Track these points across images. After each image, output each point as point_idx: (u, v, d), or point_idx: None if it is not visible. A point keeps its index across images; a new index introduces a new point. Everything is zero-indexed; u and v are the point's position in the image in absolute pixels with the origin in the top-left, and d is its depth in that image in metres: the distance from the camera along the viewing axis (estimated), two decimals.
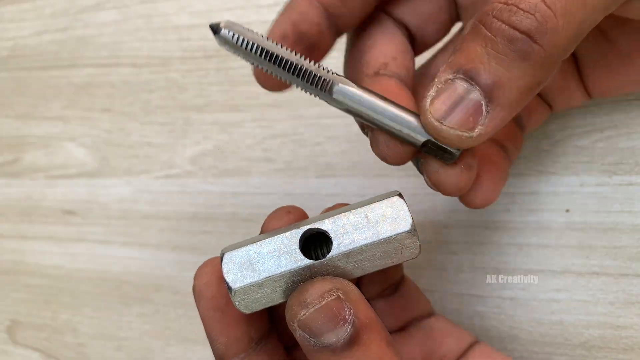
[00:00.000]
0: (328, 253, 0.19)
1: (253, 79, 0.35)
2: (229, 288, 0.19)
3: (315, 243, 0.19)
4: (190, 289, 0.22)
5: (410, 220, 0.19)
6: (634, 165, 0.27)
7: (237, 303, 0.19)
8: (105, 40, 0.39)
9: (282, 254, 0.19)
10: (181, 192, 0.38)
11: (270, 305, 0.19)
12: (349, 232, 0.19)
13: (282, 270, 0.19)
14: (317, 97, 0.19)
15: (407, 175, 0.31)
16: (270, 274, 0.19)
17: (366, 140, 0.32)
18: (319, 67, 0.19)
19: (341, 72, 0.22)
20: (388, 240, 0.19)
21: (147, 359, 0.39)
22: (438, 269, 0.31)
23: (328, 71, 0.19)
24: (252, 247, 0.19)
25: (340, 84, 0.18)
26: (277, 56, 0.18)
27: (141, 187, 0.39)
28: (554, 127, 0.28)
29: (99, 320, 0.41)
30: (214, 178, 0.36)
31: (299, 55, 0.18)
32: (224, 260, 0.19)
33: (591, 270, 0.28)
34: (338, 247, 0.19)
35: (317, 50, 0.22)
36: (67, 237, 0.42)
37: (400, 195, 0.19)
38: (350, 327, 0.17)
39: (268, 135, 0.35)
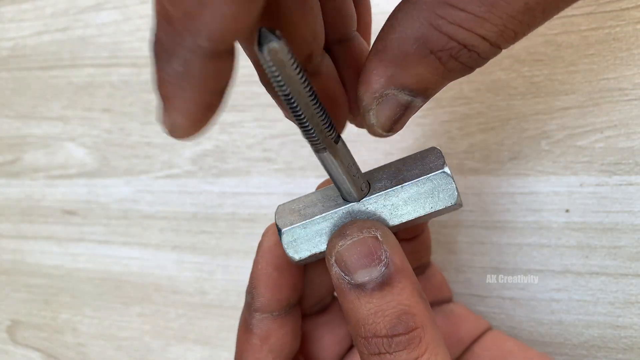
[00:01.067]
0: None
1: (253, 79, 0.35)
2: (279, 231, 0.20)
3: None
4: (190, 289, 0.22)
5: (444, 163, 0.19)
6: (634, 165, 0.27)
7: (286, 246, 0.20)
8: (105, 40, 0.39)
9: (325, 200, 0.20)
10: (181, 192, 0.38)
11: (316, 252, 0.20)
12: (384, 179, 0.19)
13: (324, 213, 0.19)
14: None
15: None
16: (313, 217, 0.20)
17: (366, 140, 0.32)
18: (326, 128, 0.17)
19: None
20: (423, 181, 0.19)
21: (147, 359, 0.39)
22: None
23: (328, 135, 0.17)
24: (302, 198, 0.21)
25: (326, 152, 0.18)
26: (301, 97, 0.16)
27: (141, 187, 0.39)
28: (554, 127, 0.28)
29: (99, 320, 0.41)
30: (214, 178, 0.37)
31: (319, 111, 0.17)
32: (277, 210, 0.21)
33: (591, 270, 0.28)
34: (375, 189, 0.19)
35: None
36: (67, 237, 0.42)
37: (437, 148, 0.20)
38: (384, 268, 0.17)
39: (268, 135, 0.35)
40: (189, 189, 0.37)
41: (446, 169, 0.19)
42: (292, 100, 0.15)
